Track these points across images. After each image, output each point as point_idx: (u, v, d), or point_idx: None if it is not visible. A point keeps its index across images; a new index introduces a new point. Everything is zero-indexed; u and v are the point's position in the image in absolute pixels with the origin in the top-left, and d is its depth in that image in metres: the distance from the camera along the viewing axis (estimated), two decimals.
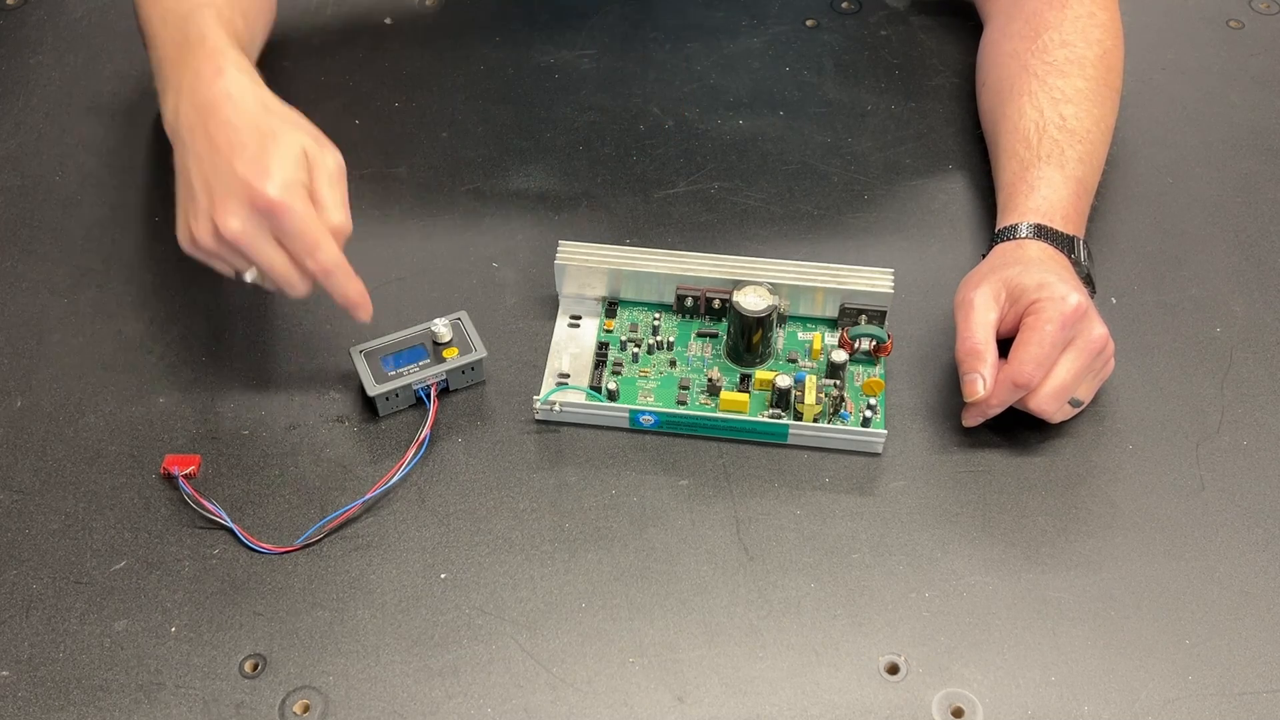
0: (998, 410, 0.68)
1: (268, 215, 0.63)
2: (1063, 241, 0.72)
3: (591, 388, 0.71)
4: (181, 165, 0.67)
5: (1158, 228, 0.82)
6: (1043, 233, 0.72)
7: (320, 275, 0.65)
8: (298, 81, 0.89)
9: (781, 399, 0.70)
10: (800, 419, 0.69)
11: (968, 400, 0.68)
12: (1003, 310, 0.69)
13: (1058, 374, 0.67)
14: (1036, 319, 0.67)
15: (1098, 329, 0.68)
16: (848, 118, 0.89)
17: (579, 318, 0.75)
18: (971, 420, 0.69)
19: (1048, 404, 0.67)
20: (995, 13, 0.88)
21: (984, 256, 0.74)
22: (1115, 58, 0.81)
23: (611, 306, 0.75)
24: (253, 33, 0.77)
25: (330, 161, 0.67)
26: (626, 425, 0.71)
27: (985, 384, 0.67)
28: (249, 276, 0.67)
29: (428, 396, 0.71)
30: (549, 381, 0.72)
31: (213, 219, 0.64)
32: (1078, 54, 0.80)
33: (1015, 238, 0.73)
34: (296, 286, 0.66)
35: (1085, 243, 0.74)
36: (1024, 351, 0.66)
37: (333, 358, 0.73)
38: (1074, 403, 0.69)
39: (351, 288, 0.66)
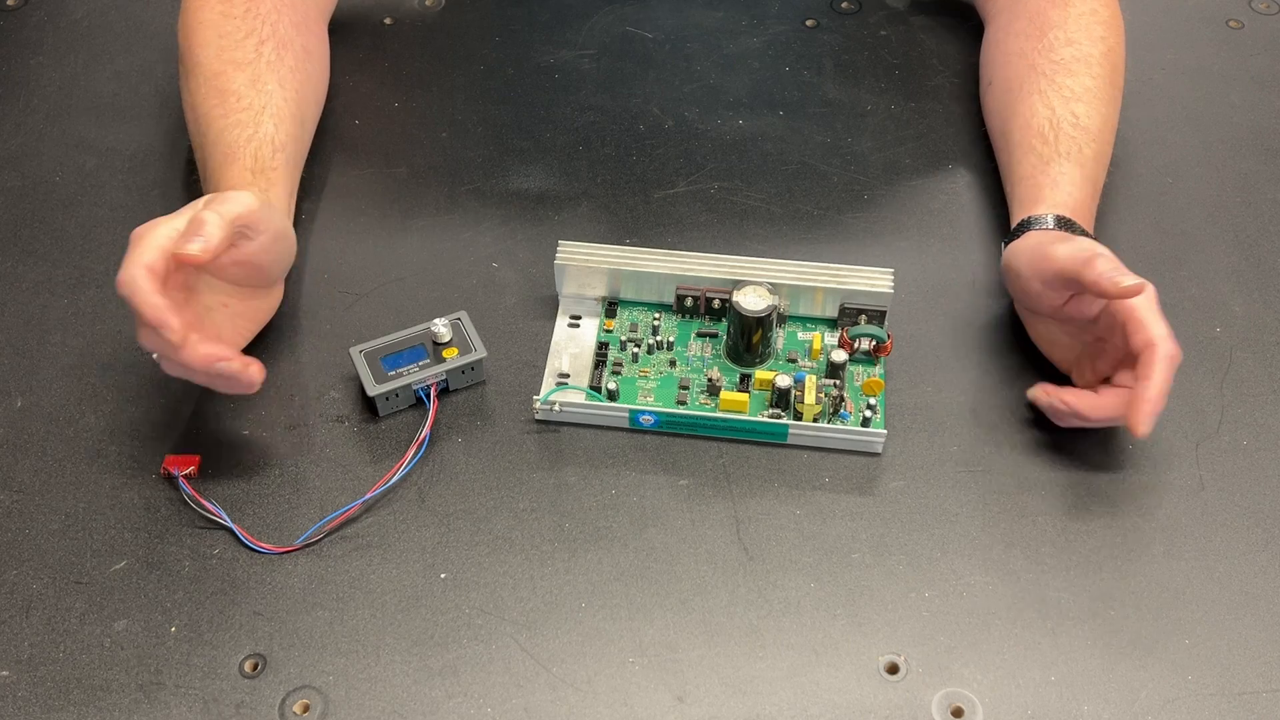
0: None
1: None
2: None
3: (591, 388, 0.71)
4: None
5: (1158, 228, 0.82)
6: (1068, 227, 0.72)
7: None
8: None
9: (781, 399, 0.70)
10: (800, 419, 0.69)
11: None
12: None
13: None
14: (1161, 366, 0.65)
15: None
16: (848, 118, 0.89)
17: (579, 318, 0.75)
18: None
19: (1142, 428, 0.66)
20: (997, 12, 0.88)
21: (1005, 246, 0.73)
22: (1118, 55, 0.81)
23: (611, 306, 0.75)
24: (295, 129, 0.77)
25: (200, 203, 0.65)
26: (626, 425, 0.71)
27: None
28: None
29: (428, 396, 0.71)
30: (549, 381, 0.72)
31: None
32: (1084, 52, 0.79)
33: (1044, 228, 0.72)
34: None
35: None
36: (1152, 391, 0.64)
37: (333, 358, 0.73)
38: None
39: (146, 301, 0.60)
